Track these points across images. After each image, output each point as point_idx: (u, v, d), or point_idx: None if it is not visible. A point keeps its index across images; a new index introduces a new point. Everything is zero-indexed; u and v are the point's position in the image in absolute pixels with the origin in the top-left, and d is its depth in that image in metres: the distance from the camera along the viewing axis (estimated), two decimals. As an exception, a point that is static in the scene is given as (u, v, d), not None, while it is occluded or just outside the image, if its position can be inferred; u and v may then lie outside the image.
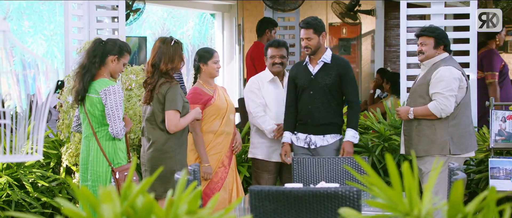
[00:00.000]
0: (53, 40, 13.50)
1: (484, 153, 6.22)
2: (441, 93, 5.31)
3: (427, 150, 5.40)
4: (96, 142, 4.87)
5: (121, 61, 4.96)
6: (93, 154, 4.88)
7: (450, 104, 5.31)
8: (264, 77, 5.94)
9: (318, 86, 5.63)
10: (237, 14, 12.09)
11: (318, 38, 5.65)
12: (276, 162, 5.87)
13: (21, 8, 13.44)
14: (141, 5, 9.72)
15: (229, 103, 5.67)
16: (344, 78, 5.66)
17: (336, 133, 5.69)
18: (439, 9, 6.74)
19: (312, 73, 5.66)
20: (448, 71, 5.35)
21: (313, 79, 5.65)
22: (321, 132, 5.66)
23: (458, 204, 1.80)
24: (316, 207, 3.61)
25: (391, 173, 1.82)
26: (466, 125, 5.47)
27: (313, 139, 5.67)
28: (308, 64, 5.70)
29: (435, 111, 5.32)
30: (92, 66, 4.89)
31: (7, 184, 5.91)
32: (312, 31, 5.63)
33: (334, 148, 5.66)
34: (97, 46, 4.95)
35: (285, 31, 10.57)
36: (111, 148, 4.88)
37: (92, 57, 4.92)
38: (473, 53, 6.63)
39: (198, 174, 4.84)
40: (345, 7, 11.25)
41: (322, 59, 5.66)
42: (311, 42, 5.64)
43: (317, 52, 5.67)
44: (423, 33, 5.52)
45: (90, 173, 4.88)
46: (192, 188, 1.86)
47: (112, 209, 1.73)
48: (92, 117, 4.86)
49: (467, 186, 6.18)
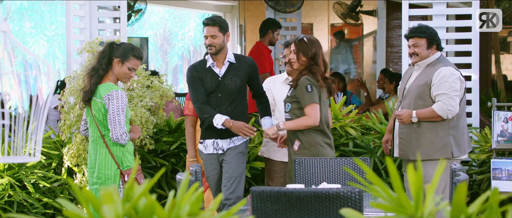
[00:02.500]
0: (55, 41, 13.51)
1: (486, 154, 6.20)
2: (446, 94, 5.21)
3: (428, 154, 5.30)
4: (104, 145, 4.86)
5: (126, 65, 4.90)
6: (101, 157, 4.87)
7: (456, 104, 5.23)
8: (280, 77, 5.97)
9: (227, 88, 5.39)
10: (238, 15, 12.10)
11: (223, 37, 5.41)
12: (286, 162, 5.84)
13: (23, 9, 13.46)
14: (142, 5, 9.72)
15: None
16: (252, 75, 5.48)
17: None
18: (441, 9, 6.73)
19: (219, 75, 5.41)
20: (449, 72, 5.29)
21: (221, 81, 5.40)
22: (228, 135, 5.40)
23: (461, 206, 1.80)
24: (318, 208, 3.60)
25: (392, 175, 1.82)
26: (464, 126, 5.44)
27: (220, 144, 5.42)
28: (213, 66, 5.44)
29: (441, 112, 5.22)
30: (99, 68, 4.89)
31: (8, 184, 5.91)
32: (218, 29, 5.39)
33: (240, 150, 5.43)
34: (106, 48, 4.95)
35: (287, 32, 10.57)
36: (120, 151, 4.87)
37: (101, 59, 4.92)
38: (475, 54, 6.62)
39: (199, 175, 4.85)
40: (347, 7, 11.25)
41: (227, 60, 5.43)
42: (216, 41, 5.38)
43: (220, 52, 5.41)
44: (415, 34, 5.38)
45: (97, 176, 4.87)
46: (194, 190, 1.85)
47: (114, 210, 1.73)
48: (98, 121, 4.86)
49: (469, 187, 6.16)
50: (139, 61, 5.00)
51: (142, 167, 6.26)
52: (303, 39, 5.36)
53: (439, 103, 5.24)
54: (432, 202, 1.82)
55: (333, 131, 6.59)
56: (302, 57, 5.32)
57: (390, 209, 1.82)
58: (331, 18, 12.17)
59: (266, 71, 8.27)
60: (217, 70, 5.42)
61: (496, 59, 10.87)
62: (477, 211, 1.83)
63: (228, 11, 12.30)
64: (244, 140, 5.45)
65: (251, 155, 6.47)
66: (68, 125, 5.88)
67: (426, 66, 5.38)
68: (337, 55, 12.51)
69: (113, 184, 4.83)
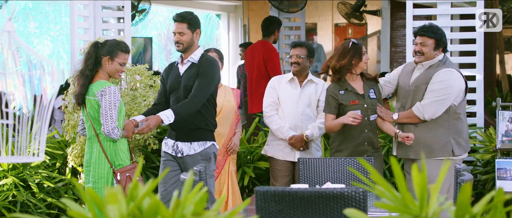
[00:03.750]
0: (59, 41, 13.54)
1: (490, 154, 6.19)
2: (430, 97, 5.21)
3: (428, 152, 5.28)
4: (98, 143, 4.88)
5: (116, 60, 4.92)
6: (96, 155, 4.89)
7: (437, 109, 5.21)
8: (285, 77, 5.95)
9: (183, 88, 5.22)
10: (242, 15, 12.10)
11: (191, 35, 5.24)
12: (291, 161, 5.83)
13: (27, 9, 13.48)
14: (146, 5, 9.73)
15: (227, 104, 5.66)
16: (200, 74, 5.19)
17: (204, 140, 5.27)
18: (445, 9, 6.71)
19: (180, 74, 5.29)
20: (447, 75, 5.22)
21: (180, 81, 5.27)
22: (188, 138, 5.25)
23: (466, 206, 1.79)
24: (322, 208, 3.60)
25: (397, 175, 1.82)
26: (464, 125, 5.42)
27: (180, 147, 5.28)
28: (179, 64, 5.33)
29: (418, 113, 5.24)
30: (86, 69, 4.90)
31: (13, 184, 5.92)
32: (186, 26, 5.23)
33: (201, 157, 5.25)
34: (91, 49, 4.97)
35: (291, 32, 10.56)
36: (112, 149, 4.89)
37: (87, 60, 4.94)
38: (479, 54, 6.60)
39: (203, 175, 4.84)
40: (351, 7, 11.23)
41: (189, 59, 5.27)
42: (183, 38, 5.22)
43: (188, 50, 5.26)
44: (425, 34, 5.32)
45: (92, 175, 4.89)
46: (198, 189, 1.85)
47: (118, 210, 1.73)
48: (93, 119, 4.88)
49: (474, 187, 6.15)
50: (127, 54, 5.01)
51: (146, 167, 6.26)
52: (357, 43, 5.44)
53: (417, 104, 5.25)
54: (437, 202, 1.81)
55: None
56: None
57: (395, 209, 1.81)
58: (335, 18, 12.17)
59: (279, 72, 8.17)
60: (180, 68, 5.31)
61: (500, 59, 10.86)
62: (481, 211, 1.83)
63: (232, 11, 12.30)
64: (204, 147, 5.26)
65: (255, 155, 6.47)
66: (72, 125, 5.89)
67: (429, 67, 5.35)
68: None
69: (105, 183, 4.84)
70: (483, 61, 6.63)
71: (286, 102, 5.80)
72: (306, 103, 5.78)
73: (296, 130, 5.74)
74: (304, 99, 5.78)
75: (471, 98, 6.56)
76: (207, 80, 5.18)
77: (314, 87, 5.82)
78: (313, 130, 5.70)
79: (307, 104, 5.78)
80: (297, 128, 5.75)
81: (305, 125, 5.75)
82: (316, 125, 5.72)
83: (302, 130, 5.74)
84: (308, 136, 5.68)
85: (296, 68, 5.81)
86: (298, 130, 5.74)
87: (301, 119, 5.76)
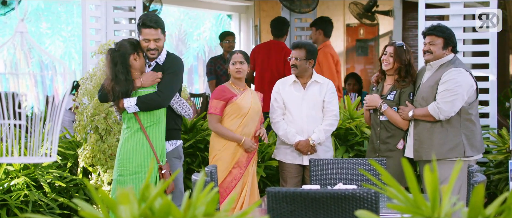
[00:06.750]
0: (71, 42, 13.57)
1: (503, 155, 6.16)
2: (444, 97, 5.20)
3: (440, 153, 5.27)
4: (145, 137, 4.99)
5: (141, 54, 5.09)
6: (143, 149, 5.00)
7: (450, 107, 5.21)
8: (288, 80, 5.87)
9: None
10: (254, 15, 12.09)
11: (164, 39, 5.21)
12: (300, 164, 5.80)
13: (39, 10, 13.53)
14: (158, 6, 9.75)
15: (254, 106, 5.65)
16: (165, 71, 5.15)
17: (174, 138, 5.29)
18: (458, 9, 6.68)
19: None
20: (457, 74, 5.22)
21: None
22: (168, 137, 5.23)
23: (479, 207, 1.78)
24: (334, 208, 3.59)
25: (408, 177, 1.81)
26: (476, 126, 5.40)
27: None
28: (149, 67, 5.26)
29: (433, 112, 5.24)
30: (119, 74, 4.94)
31: (24, 184, 5.94)
32: (160, 31, 5.16)
33: (174, 156, 5.26)
34: (111, 54, 5.00)
35: (302, 32, 10.54)
36: (160, 145, 5.03)
37: (113, 67, 4.96)
38: (492, 54, 6.57)
39: (215, 175, 4.84)
40: (363, 7, 11.19)
41: (156, 60, 5.22)
42: (159, 44, 5.15)
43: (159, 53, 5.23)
44: (433, 33, 5.36)
45: (134, 166, 4.98)
46: (209, 190, 1.85)
47: (129, 210, 1.73)
48: (142, 114, 4.99)
49: (486, 188, 6.13)
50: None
51: (158, 167, 6.27)
52: (403, 46, 5.51)
53: (433, 104, 5.24)
54: (449, 203, 1.80)
55: (348, 131, 6.57)
56: (397, 63, 5.49)
57: (407, 210, 1.81)
58: (347, 18, 12.14)
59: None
60: (146, 70, 5.23)
61: (513, 59, 10.79)
62: (494, 212, 1.81)
63: (243, 12, 12.30)
64: (175, 145, 5.29)
65: (266, 155, 6.46)
66: (83, 125, 5.90)
67: (439, 67, 5.35)
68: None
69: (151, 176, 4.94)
70: (497, 61, 6.60)
71: (291, 105, 5.74)
72: (310, 105, 5.70)
73: (303, 133, 5.69)
74: (308, 101, 5.71)
75: (484, 98, 6.52)
76: (173, 77, 5.14)
77: (318, 88, 5.75)
78: (319, 134, 5.65)
79: (311, 106, 5.70)
80: (303, 131, 5.70)
81: (311, 128, 5.68)
82: (322, 128, 5.66)
83: (308, 133, 5.68)
84: (314, 140, 5.65)
85: (294, 70, 5.74)
86: (304, 134, 5.68)
87: (306, 122, 5.70)
